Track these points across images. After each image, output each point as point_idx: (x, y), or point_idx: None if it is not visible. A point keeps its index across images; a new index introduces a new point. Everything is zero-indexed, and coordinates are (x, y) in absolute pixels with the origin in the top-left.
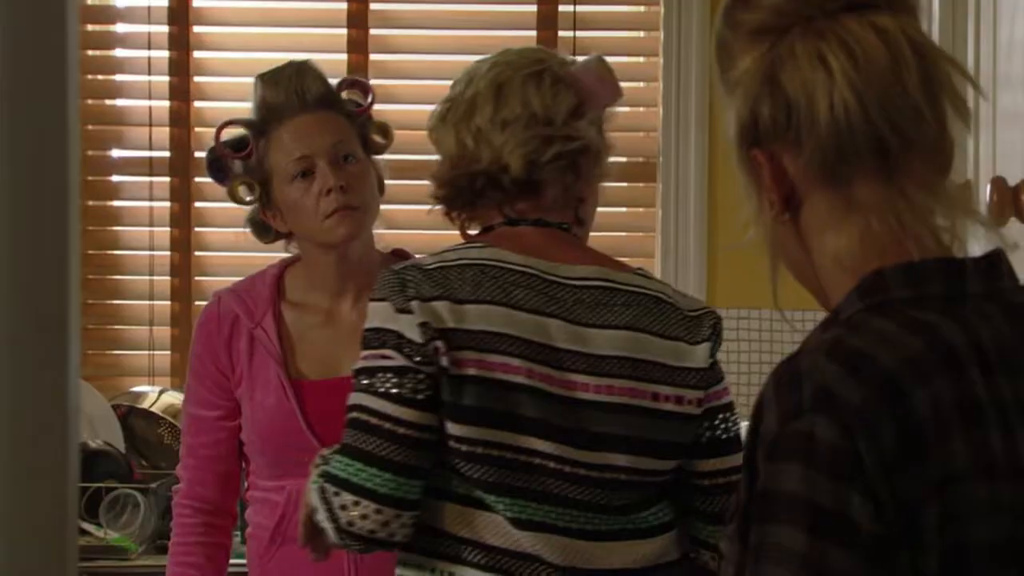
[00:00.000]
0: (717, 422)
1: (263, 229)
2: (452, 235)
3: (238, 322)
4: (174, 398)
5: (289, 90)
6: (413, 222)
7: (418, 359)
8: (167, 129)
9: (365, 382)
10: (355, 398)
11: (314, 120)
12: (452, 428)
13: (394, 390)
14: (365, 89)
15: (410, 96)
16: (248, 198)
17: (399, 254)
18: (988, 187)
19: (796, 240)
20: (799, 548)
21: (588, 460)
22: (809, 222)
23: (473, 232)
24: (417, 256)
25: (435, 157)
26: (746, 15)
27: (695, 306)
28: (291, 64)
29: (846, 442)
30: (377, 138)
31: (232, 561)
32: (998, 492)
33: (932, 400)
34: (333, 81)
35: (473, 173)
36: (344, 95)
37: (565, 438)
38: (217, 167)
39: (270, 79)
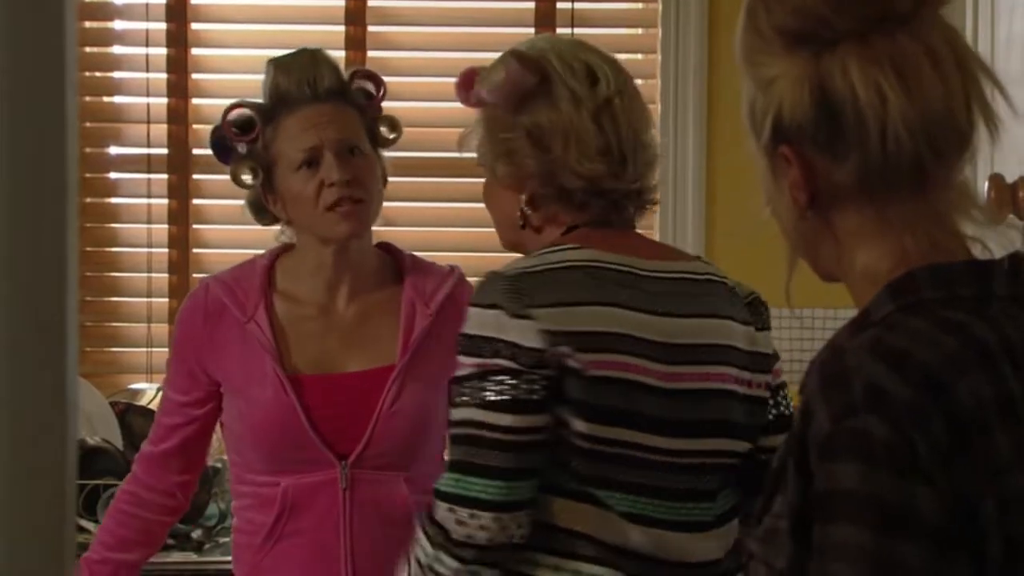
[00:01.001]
0: (780, 398)
1: (262, 211)
2: (452, 233)
3: (226, 312)
4: None
5: (301, 79)
6: (412, 219)
7: (533, 363)
8: (165, 126)
9: (475, 391)
10: (462, 413)
11: (324, 111)
12: (580, 426)
13: (507, 396)
14: (377, 81)
15: (408, 94)
16: (250, 182)
17: (385, 247)
18: (986, 184)
19: (817, 235)
20: (867, 545)
21: (687, 448)
22: (838, 228)
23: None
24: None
25: (436, 155)
26: (785, 17)
27: (746, 292)
28: (304, 52)
29: (901, 437)
30: (385, 131)
31: (220, 559)
32: None
33: (974, 395)
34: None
35: (623, 192)
36: (356, 86)
37: (671, 430)
38: (222, 146)
39: (283, 65)
